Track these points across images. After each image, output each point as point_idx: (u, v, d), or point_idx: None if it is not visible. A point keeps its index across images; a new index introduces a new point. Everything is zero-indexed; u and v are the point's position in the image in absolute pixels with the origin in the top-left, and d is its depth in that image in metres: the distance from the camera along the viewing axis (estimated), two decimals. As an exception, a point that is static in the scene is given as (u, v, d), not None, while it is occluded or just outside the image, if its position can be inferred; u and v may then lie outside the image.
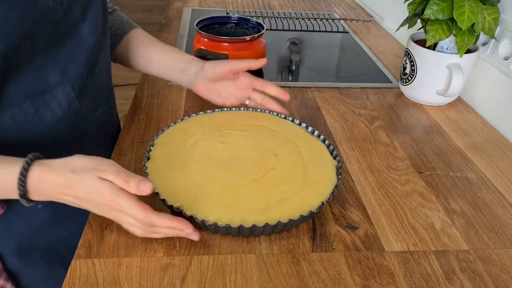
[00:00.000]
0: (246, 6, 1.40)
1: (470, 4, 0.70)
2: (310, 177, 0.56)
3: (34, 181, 0.46)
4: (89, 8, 0.57)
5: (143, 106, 0.79)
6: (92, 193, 0.45)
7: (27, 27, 0.48)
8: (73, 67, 0.57)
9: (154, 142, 0.61)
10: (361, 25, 1.32)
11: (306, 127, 0.67)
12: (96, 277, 0.46)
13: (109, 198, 0.45)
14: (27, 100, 0.54)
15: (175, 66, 0.73)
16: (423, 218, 0.57)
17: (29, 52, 0.51)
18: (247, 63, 0.70)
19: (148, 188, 0.45)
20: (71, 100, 0.58)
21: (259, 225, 0.48)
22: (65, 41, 0.55)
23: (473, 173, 0.66)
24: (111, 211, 0.47)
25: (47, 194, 0.47)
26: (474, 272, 0.49)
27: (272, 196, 0.53)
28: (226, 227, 0.49)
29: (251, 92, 0.73)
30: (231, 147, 0.62)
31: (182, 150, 0.60)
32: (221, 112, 0.71)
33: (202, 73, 0.71)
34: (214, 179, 0.55)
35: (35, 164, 0.46)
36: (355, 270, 0.48)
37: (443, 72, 0.80)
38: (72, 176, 0.45)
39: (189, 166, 0.57)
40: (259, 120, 0.69)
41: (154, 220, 0.47)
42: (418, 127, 0.78)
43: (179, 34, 1.14)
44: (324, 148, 0.63)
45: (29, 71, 0.52)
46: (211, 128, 0.66)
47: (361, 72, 0.99)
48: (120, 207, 0.46)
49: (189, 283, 0.46)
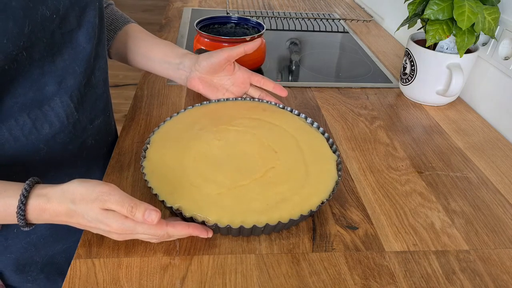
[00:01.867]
0: (246, 6, 1.40)
1: (470, 4, 0.70)
2: (311, 176, 0.56)
3: (33, 212, 0.45)
4: (85, 14, 0.55)
5: (143, 106, 0.79)
6: (97, 223, 0.45)
7: (24, 37, 0.47)
8: (71, 77, 0.56)
9: (150, 140, 0.61)
10: (361, 25, 1.32)
11: (305, 118, 0.66)
12: (96, 277, 0.46)
13: (117, 227, 0.44)
14: (24, 112, 0.52)
15: (171, 61, 0.71)
16: (423, 218, 0.57)
17: (25, 63, 0.49)
18: (242, 48, 0.68)
19: (155, 218, 0.44)
20: (69, 111, 0.57)
21: (259, 225, 0.48)
22: (61, 50, 0.53)
23: (473, 173, 0.66)
24: (121, 235, 0.46)
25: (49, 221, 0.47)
26: (474, 272, 0.49)
27: (272, 196, 0.52)
28: (227, 228, 0.48)
29: (249, 87, 0.72)
30: (228, 144, 0.61)
31: (178, 149, 0.59)
32: (217, 103, 0.70)
33: (197, 66, 0.69)
34: (211, 180, 0.54)
35: (33, 195, 0.45)
36: (355, 270, 0.48)
37: (443, 72, 0.80)
38: (73, 207, 0.44)
39: (185, 166, 0.56)
40: (257, 112, 0.67)
41: (170, 232, 0.47)
42: (418, 127, 0.78)
43: (179, 34, 1.14)
44: (324, 141, 0.62)
45: (25, 83, 0.51)
46: (207, 123, 0.65)
47: (361, 72, 0.99)
48: (134, 231, 0.45)
49: (189, 283, 0.46)
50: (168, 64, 0.72)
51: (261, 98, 0.71)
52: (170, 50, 0.72)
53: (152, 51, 0.72)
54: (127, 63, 0.76)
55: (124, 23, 0.74)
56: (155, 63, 0.73)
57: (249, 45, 0.68)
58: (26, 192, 0.44)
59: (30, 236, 0.62)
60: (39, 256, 0.64)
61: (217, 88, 0.72)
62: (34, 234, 0.62)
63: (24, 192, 0.44)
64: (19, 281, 0.64)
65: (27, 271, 0.63)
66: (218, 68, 0.69)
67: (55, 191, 0.45)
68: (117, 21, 0.74)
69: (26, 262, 0.63)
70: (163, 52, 0.72)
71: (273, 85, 0.71)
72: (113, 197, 0.44)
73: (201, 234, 0.48)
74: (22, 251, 0.62)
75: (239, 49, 0.68)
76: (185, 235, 0.48)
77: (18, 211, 0.44)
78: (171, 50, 0.72)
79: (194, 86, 0.72)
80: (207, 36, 0.89)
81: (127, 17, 0.76)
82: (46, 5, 0.48)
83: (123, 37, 0.73)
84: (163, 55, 0.72)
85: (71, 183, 0.45)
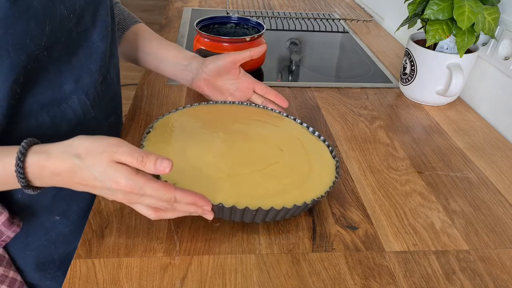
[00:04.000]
0: (246, 6, 1.40)
1: (470, 4, 0.70)
2: (314, 173, 0.56)
3: (33, 170, 0.43)
4: (98, 13, 0.57)
5: (143, 106, 0.79)
6: (105, 180, 0.42)
7: (45, 37, 0.48)
8: (87, 75, 0.57)
9: (153, 125, 0.61)
10: (361, 25, 1.32)
11: (307, 127, 0.67)
12: (96, 277, 0.46)
13: (127, 185, 0.42)
14: (43, 110, 0.53)
15: (178, 61, 0.73)
16: (423, 218, 0.57)
17: (45, 63, 0.50)
18: (248, 53, 0.69)
19: (168, 166, 0.42)
20: (86, 108, 0.58)
21: (252, 208, 0.48)
22: (77, 49, 0.55)
23: (473, 173, 0.66)
24: (126, 195, 0.44)
25: (49, 183, 0.45)
26: (474, 272, 0.49)
27: (272, 187, 0.52)
28: (218, 206, 0.48)
29: (252, 94, 0.73)
30: (233, 138, 0.61)
31: (180, 135, 0.59)
32: (222, 105, 0.70)
33: (204, 68, 0.71)
34: (212, 164, 0.54)
35: (31, 152, 0.43)
36: (355, 270, 0.48)
37: (443, 72, 0.80)
38: (78, 162, 0.42)
39: (187, 150, 0.56)
40: (262, 116, 0.68)
41: (178, 196, 0.44)
42: (418, 127, 0.78)
43: (179, 34, 1.14)
44: (325, 148, 0.63)
45: (44, 82, 0.51)
46: (212, 118, 0.65)
47: (361, 72, 0.99)
48: (141, 191, 0.43)
49: (189, 283, 0.46)
50: (176, 64, 0.73)
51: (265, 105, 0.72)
52: (179, 51, 0.74)
53: (162, 52, 0.74)
54: (135, 62, 0.77)
55: (131, 23, 0.76)
56: (164, 63, 0.74)
57: (255, 50, 0.70)
58: (24, 149, 0.43)
59: (49, 233, 0.62)
60: (57, 253, 0.64)
61: (221, 92, 0.73)
62: (53, 231, 0.62)
63: (21, 149, 0.43)
64: (39, 279, 0.64)
65: (46, 269, 0.64)
66: (223, 71, 0.70)
67: (56, 147, 0.44)
68: (124, 20, 0.75)
69: (46, 259, 0.63)
70: (172, 53, 0.74)
71: (275, 95, 0.72)
72: (122, 148, 0.42)
73: (206, 206, 0.47)
74: (42, 248, 0.62)
75: (245, 54, 0.69)
76: (191, 203, 0.46)
77: (16, 169, 0.42)
78: (180, 51, 0.74)
79: (199, 87, 0.73)
80: (207, 36, 0.89)
81: (134, 16, 0.78)
82: (64, 5, 0.50)
83: (131, 37, 0.75)
84: (172, 55, 0.73)
85: (74, 139, 0.44)
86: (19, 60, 0.46)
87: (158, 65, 0.75)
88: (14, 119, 0.51)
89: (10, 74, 0.46)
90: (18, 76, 0.47)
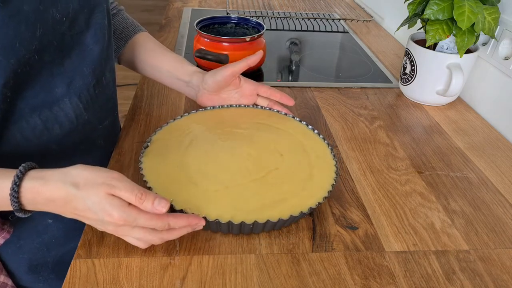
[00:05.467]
0: (246, 6, 1.40)
1: (470, 4, 0.70)
2: (314, 179, 0.56)
3: (27, 195, 0.43)
4: (94, 16, 0.56)
5: (143, 106, 0.79)
6: (98, 212, 0.42)
7: (36, 41, 0.47)
8: (79, 78, 0.56)
9: (151, 139, 0.61)
10: (361, 25, 1.32)
11: (307, 125, 0.67)
12: (96, 277, 0.46)
13: (120, 218, 0.42)
14: (34, 114, 0.52)
15: (180, 77, 0.72)
16: (423, 218, 0.57)
17: (37, 66, 0.50)
18: (245, 62, 0.68)
19: (165, 207, 0.43)
20: (78, 111, 0.57)
21: (248, 222, 0.48)
22: (70, 52, 0.54)
23: (473, 173, 0.66)
24: (117, 228, 0.44)
25: (42, 208, 0.45)
26: (474, 272, 0.49)
27: (270, 197, 0.52)
28: (215, 222, 0.48)
29: (257, 98, 0.73)
30: (233, 146, 0.61)
31: (179, 147, 0.59)
32: (222, 109, 0.70)
33: (204, 85, 0.69)
34: (211, 177, 0.54)
35: (28, 176, 0.43)
36: (355, 270, 0.48)
37: (443, 72, 0.80)
38: (74, 192, 0.42)
39: (185, 163, 0.56)
40: (263, 118, 0.68)
41: (171, 222, 0.45)
42: (418, 127, 0.78)
43: (179, 34, 1.14)
44: (327, 149, 0.62)
45: (36, 85, 0.51)
46: (212, 125, 0.65)
47: (361, 72, 0.99)
48: (134, 223, 0.43)
49: (189, 283, 0.46)
50: (178, 80, 0.72)
51: (270, 107, 0.72)
52: (180, 65, 0.72)
53: (161, 63, 0.73)
54: (137, 71, 0.77)
55: (134, 31, 0.75)
56: (163, 75, 0.73)
57: (251, 59, 0.69)
58: (21, 174, 0.43)
59: (42, 236, 0.62)
60: (50, 256, 0.64)
61: (227, 102, 0.73)
62: (46, 234, 0.62)
63: (18, 174, 0.43)
64: (31, 281, 0.64)
65: (39, 271, 0.64)
66: (223, 85, 0.70)
67: (53, 174, 0.43)
68: (127, 29, 0.74)
69: (38, 262, 0.63)
70: (173, 66, 0.72)
71: (280, 95, 0.71)
72: (122, 184, 0.43)
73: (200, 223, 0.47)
74: (34, 251, 0.62)
75: (242, 64, 0.68)
76: (184, 224, 0.46)
77: (11, 193, 0.42)
78: (181, 65, 0.72)
79: (203, 104, 0.72)
80: (207, 36, 0.89)
81: (138, 24, 0.77)
82: (57, 8, 0.49)
83: (132, 46, 0.74)
84: (172, 68, 0.72)
85: (74, 167, 0.44)
86: (9, 64, 0.46)
87: (159, 76, 0.74)
88: (4, 123, 0.50)
89: (0, 78, 0.46)
90: (8, 79, 0.47)
